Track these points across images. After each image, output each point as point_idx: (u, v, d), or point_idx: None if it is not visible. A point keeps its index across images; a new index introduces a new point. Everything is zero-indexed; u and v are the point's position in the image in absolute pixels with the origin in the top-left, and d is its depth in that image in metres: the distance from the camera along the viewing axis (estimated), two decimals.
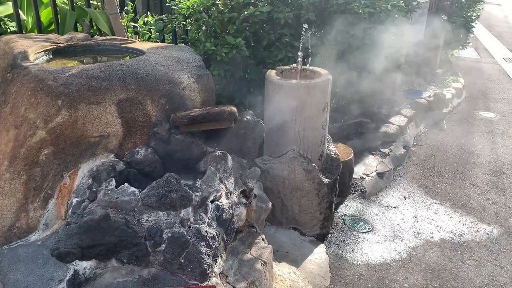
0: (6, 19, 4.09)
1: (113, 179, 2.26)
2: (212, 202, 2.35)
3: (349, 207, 4.06)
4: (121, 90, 2.63)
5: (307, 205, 3.39)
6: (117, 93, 2.61)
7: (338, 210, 3.96)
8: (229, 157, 2.58)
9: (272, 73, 3.38)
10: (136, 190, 2.20)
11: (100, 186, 2.27)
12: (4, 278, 2.25)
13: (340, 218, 3.86)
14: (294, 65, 3.40)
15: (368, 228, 3.75)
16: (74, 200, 2.37)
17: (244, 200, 2.62)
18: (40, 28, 4.03)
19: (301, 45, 3.55)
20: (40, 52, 3.12)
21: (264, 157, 3.42)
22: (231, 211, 2.41)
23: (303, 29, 3.56)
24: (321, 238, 3.53)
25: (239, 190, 2.62)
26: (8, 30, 4.07)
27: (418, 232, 3.76)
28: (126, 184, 2.23)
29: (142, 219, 2.14)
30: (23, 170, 2.43)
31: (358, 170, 4.52)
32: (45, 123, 2.45)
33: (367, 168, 4.62)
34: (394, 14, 4.53)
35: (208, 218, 2.29)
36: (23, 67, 2.69)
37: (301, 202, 3.37)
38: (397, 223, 3.88)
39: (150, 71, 2.79)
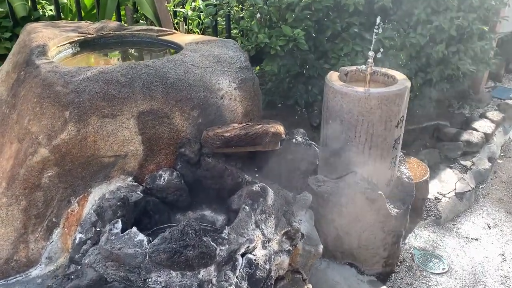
0: (44, 1, 3.74)
1: (119, 220, 1.79)
2: (243, 255, 1.83)
3: (419, 237, 3.38)
4: (144, 99, 2.14)
5: (369, 240, 2.77)
6: (138, 103, 2.12)
7: (406, 241, 3.30)
8: (270, 193, 2.03)
9: (333, 76, 2.74)
10: (145, 239, 1.71)
11: (104, 227, 1.81)
12: None
13: (408, 252, 3.21)
14: (363, 66, 2.73)
15: (443, 268, 3.07)
16: (78, 237, 1.94)
17: (287, 246, 2.07)
18: (80, 12, 3.64)
19: (374, 40, 2.87)
20: (64, 44, 2.70)
21: (318, 176, 2.83)
22: (267, 265, 1.87)
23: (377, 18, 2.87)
24: (383, 278, 2.92)
25: (282, 232, 2.07)
26: (46, 15, 3.72)
27: (505, 276, 3.03)
28: (133, 230, 1.75)
29: (150, 280, 1.65)
30: (22, 194, 2.02)
31: (433, 189, 3.79)
32: (48, 140, 2.02)
33: (444, 186, 3.88)
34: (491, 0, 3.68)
35: (236, 277, 1.77)
36: (35, 65, 2.27)
37: (361, 236, 2.76)
38: (479, 262, 3.16)
39: (183, 75, 2.27)
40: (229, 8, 3.64)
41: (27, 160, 2.01)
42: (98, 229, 1.86)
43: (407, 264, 3.10)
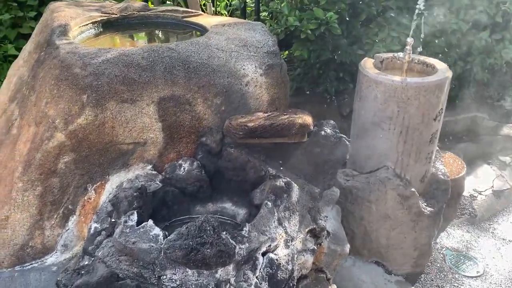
0: None
1: (135, 212, 1.70)
2: (264, 254, 1.71)
3: (452, 236, 3.19)
4: (165, 84, 2.02)
5: (398, 239, 2.61)
6: (159, 89, 2.01)
7: (438, 240, 3.12)
8: (295, 189, 1.89)
9: (368, 62, 2.56)
10: (161, 233, 1.61)
11: (119, 219, 1.73)
12: None
13: (440, 252, 3.03)
14: (400, 54, 2.53)
15: (477, 272, 2.88)
16: (93, 226, 1.86)
17: (311, 245, 1.94)
18: None
19: (413, 25, 2.67)
20: (86, 24, 2.61)
21: (347, 170, 2.67)
22: (289, 266, 1.75)
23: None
24: (412, 279, 2.76)
25: (306, 230, 1.94)
26: None
27: None
28: (149, 223, 1.65)
29: (164, 278, 1.56)
30: (38, 180, 1.96)
31: (468, 185, 3.57)
32: (65, 124, 1.93)
33: (480, 182, 3.65)
34: None
35: (256, 277, 1.65)
36: (55, 46, 2.19)
37: (390, 234, 2.61)
38: None
39: (206, 59, 2.15)
40: None
41: (43, 144, 1.94)
42: (113, 220, 1.78)
43: (438, 265, 2.93)
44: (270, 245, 1.71)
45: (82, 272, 1.50)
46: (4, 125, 2.33)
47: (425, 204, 2.60)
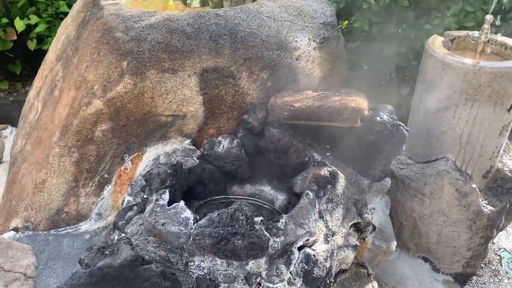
0: None
1: (167, 191, 1.60)
2: (300, 248, 1.57)
3: None
4: (209, 54, 1.88)
5: (451, 237, 2.40)
6: (202, 59, 1.87)
7: (495, 240, 2.86)
8: (341, 179, 1.72)
9: (436, 41, 2.28)
10: (191, 217, 1.51)
11: (151, 196, 1.64)
12: (37, 277, 1.84)
13: (496, 254, 2.77)
14: (476, 33, 2.23)
15: None
16: (126, 199, 1.80)
17: (353, 240, 1.78)
18: None
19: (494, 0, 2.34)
20: None
21: (401, 157, 2.46)
22: (327, 263, 1.61)
23: None
24: (461, 279, 2.55)
25: (350, 224, 1.78)
26: None
27: None
28: (180, 204, 1.55)
29: (192, 264, 1.47)
30: (75, 146, 1.90)
31: None
32: (103, 91, 1.85)
33: None
34: None
35: (290, 272, 1.53)
36: (99, 6, 2.08)
37: (442, 231, 2.40)
38: None
39: (256, 29, 1.97)
40: None
41: (81, 110, 1.87)
42: (145, 196, 1.70)
43: (493, 267, 2.68)
44: (308, 240, 1.57)
45: (107, 252, 1.44)
46: (49, 85, 2.30)
47: (486, 202, 2.36)
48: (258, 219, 1.49)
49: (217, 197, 1.89)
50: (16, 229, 2.02)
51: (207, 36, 1.89)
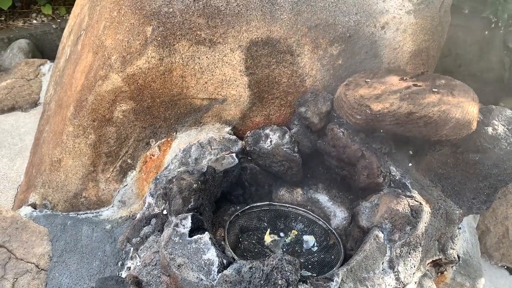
0: None
1: (189, 217, 1.23)
2: None
3: None
4: (262, 20, 1.38)
5: None
6: (251, 26, 1.38)
7: None
8: (425, 216, 1.27)
9: None
10: (216, 260, 1.15)
11: (171, 216, 1.29)
12: (50, 272, 1.63)
13: None
14: None
15: None
16: (147, 201, 1.47)
17: (429, 284, 1.37)
18: None
19: None
20: None
21: None
22: None
23: None
24: None
25: (427, 262, 1.36)
26: None
27: None
28: (205, 238, 1.19)
29: None
30: (91, 127, 1.55)
31: None
32: (122, 64, 1.44)
33: None
34: None
35: None
36: None
37: None
38: None
39: None
40: None
41: (97, 85, 1.49)
42: (165, 213, 1.36)
43: None
44: None
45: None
46: (76, 31, 1.93)
47: None
48: (304, 275, 1.11)
49: (259, 203, 1.52)
50: (34, 205, 1.79)
51: None
